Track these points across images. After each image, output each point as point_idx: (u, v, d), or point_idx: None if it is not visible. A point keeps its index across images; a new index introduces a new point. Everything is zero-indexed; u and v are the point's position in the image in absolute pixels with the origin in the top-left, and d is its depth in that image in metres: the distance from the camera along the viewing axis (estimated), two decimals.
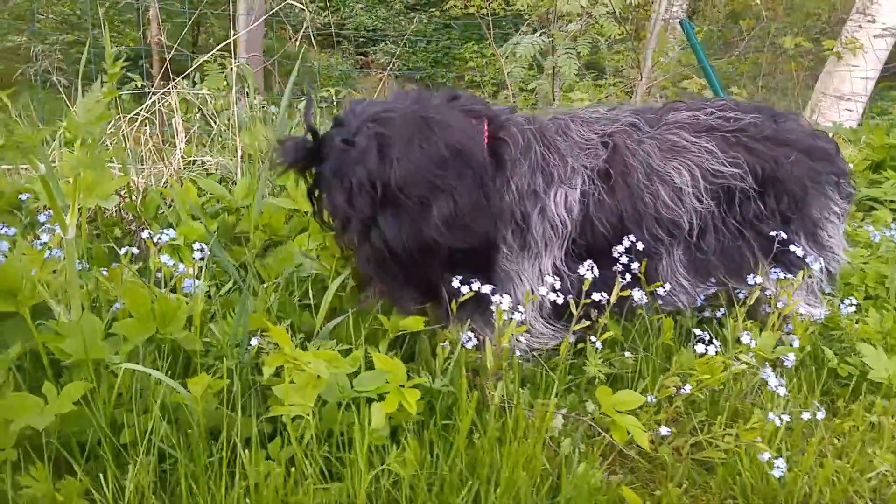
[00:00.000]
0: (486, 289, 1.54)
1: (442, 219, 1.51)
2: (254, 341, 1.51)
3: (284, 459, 1.33)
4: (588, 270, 1.55)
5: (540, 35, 4.62)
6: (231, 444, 1.31)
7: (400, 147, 1.51)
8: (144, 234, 1.56)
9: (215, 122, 2.89)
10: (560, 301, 1.55)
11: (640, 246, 1.69)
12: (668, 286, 1.76)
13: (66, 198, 1.31)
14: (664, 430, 1.47)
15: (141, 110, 2.64)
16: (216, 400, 1.45)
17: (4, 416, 1.21)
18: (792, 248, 1.81)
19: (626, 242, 1.68)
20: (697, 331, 1.59)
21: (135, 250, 1.60)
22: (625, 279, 1.58)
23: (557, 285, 1.57)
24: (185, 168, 2.55)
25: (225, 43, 2.98)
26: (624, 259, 1.66)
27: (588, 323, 1.59)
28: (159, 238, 1.55)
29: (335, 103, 4.62)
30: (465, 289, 1.55)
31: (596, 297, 1.57)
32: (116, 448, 1.32)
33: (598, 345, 1.63)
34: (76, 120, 1.20)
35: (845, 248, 2.02)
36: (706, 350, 1.50)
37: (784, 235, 1.80)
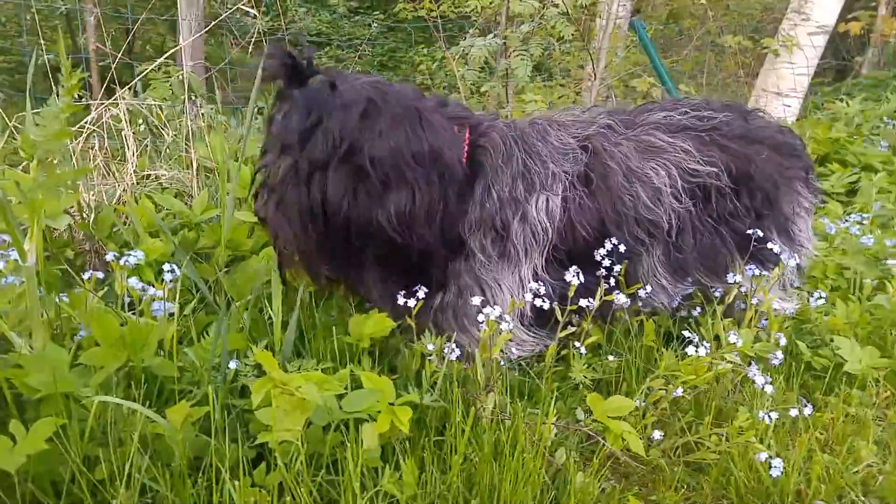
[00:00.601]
0: (422, 293, 1.55)
1: (395, 209, 1.48)
2: (232, 364, 1.45)
3: (273, 486, 1.28)
4: (574, 277, 1.54)
5: (493, 37, 4.62)
6: (214, 472, 1.25)
7: (387, 122, 1.48)
8: (109, 257, 1.47)
9: (167, 134, 2.77)
10: (546, 307, 1.54)
11: (622, 248, 1.69)
12: (649, 287, 1.76)
13: (21, 221, 1.22)
14: (657, 434, 1.47)
15: (86, 123, 2.50)
16: (195, 427, 1.38)
17: None
18: (770, 245, 1.84)
19: (609, 245, 1.67)
20: (687, 332, 1.59)
21: (99, 274, 1.51)
22: (609, 283, 1.57)
23: (542, 291, 1.55)
24: (138, 183, 2.44)
25: (174, 50, 2.86)
26: (607, 262, 1.65)
27: (574, 329, 1.58)
28: (126, 260, 1.46)
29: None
30: (412, 301, 1.53)
31: (584, 303, 1.56)
32: (93, 484, 1.24)
33: (583, 350, 1.62)
34: (33, 137, 1.11)
35: (814, 241, 2.07)
36: (696, 351, 1.50)
37: (760, 233, 1.82)
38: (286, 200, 1.52)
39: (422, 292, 1.55)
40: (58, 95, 1.10)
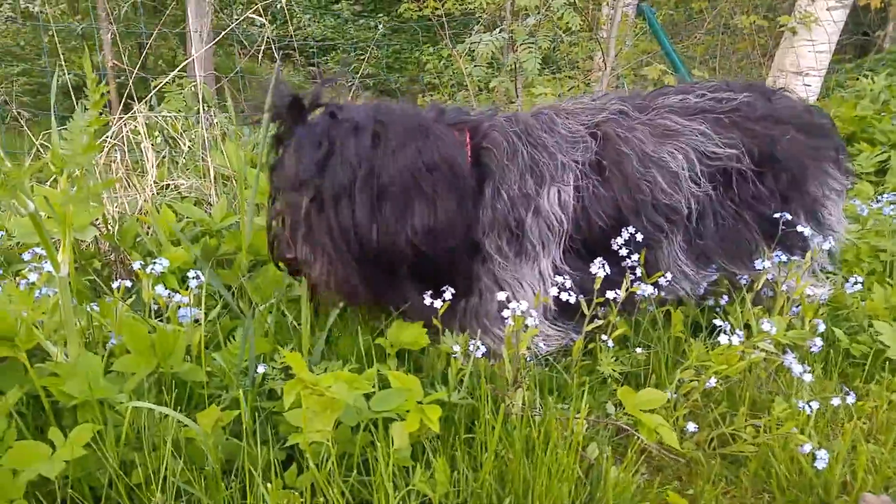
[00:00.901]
0: (448, 294, 1.55)
1: (420, 223, 1.49)
2: (260, 368, 1.47)
3: (306, 487, 1.30)
4: (600, 268, 1.53)
5: (499, 32, 4.61)
6: (247, 474, 1.27)
7: (398, 140, 1.49)
8: (136, 266, 1.50)
9: (185, 145, 2.82)
10: (572, 300, 1.54)
11: (639, 237, 1.66)
12: (669, 275, 1.72)
13: (54, 234, 1.25)
14: (691, 427, 1.44)
15: (107, 137, 2.55)
16: (226, 431, 1.41)
17: (12, 465, 1.15)
18: (800, 228, 1.79)
19: (626, 234, 1.65)
20: (719, 322, 1.56)
21: (127, 283, 1.55)
22: (635, 274, 1.57)
23: (568, 284, 1.55)
24: (158, 193, 2.48)
25: (187, 62, 2.91)
26: (624, 252, 1.63)
27: (600, 322, 1.57)
28: (152, 268, 1.50)
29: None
30: (438, 301, 1.54)
31: (611, 295, 1.55)
32: (129, 488, 1.27)
33: (610, 343, 1.60)
34: (62, 152, 1.14)
35: (846, 225, 2.02)
36: (729, 340, 1.47)
37: (788, 216, 1.78)
38: (315, 232, 1.52)
39: (449, 293, 1.56)
40: (84, 109, 1.12)
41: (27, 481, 1.16)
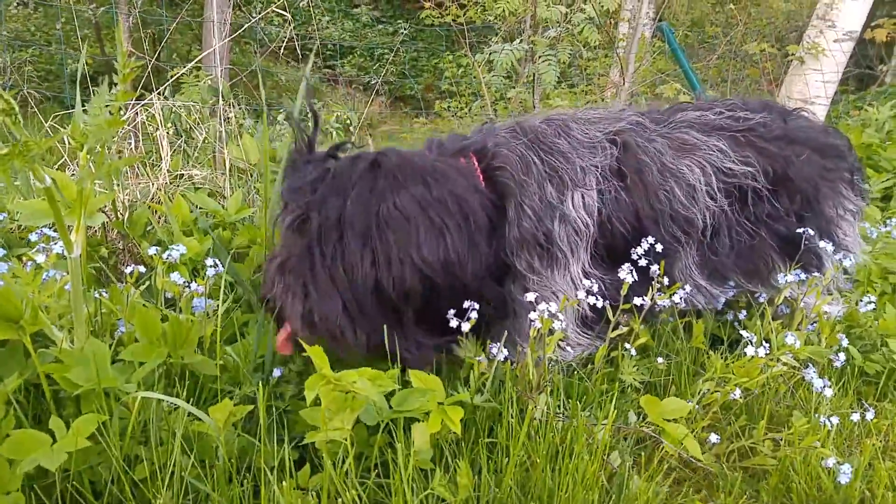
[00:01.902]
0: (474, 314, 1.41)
1: (429, 253, 1.38)
2: (276, 372, 1.41)
3: (324, 487, 1.23)
4: (628, 274, 1.48)
5: (520, 42, 4.59)
6: (262, 473, 1.21)
7: (402, 174, 1.41)
8: (151, 251, 1.44)
9: (201, 135, 2.76)
10: (599, 305, 1.48)
11: (658, 247, 1.62)
12: (688, 287, 1.69)
13: (68, 213, 1.19)
14: (714, 438, 1.41)
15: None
16: (237, 427, 1.34)
17: (10, 455, 1.08)
18: (822, 244, 1.78)
19: (646, 244, 1.60)
20: (745, 333, 1.53)
21: (141, 269, 1.48)
22: (661, 283, 1.52)
23: (595, 289, 1.49)
24: (171, 183, 2.42)
25: (206, 53, 2.86)
26: (643, 262, 1.59)
27: (626, 329, 1.52)
28: (169, 255, 1.43)
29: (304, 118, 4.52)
30: (466, 324, 1.40)
31: (638, 301, 1.50)
32: (133, 483, 1.20)
33: (633, 352, 1.56)
34: (84, 126, 1.08)
35: (861, 246, 2.01)
36: (755, 352, 1.44)
37: (811, 231, 1.76)
38: (297, 260, 1.40)
39: (474, 314, 1.42)
40: (111, 86, 1.06)
41: (24, 473, 1.10)
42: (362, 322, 1.39)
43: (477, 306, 1.42)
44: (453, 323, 1.41)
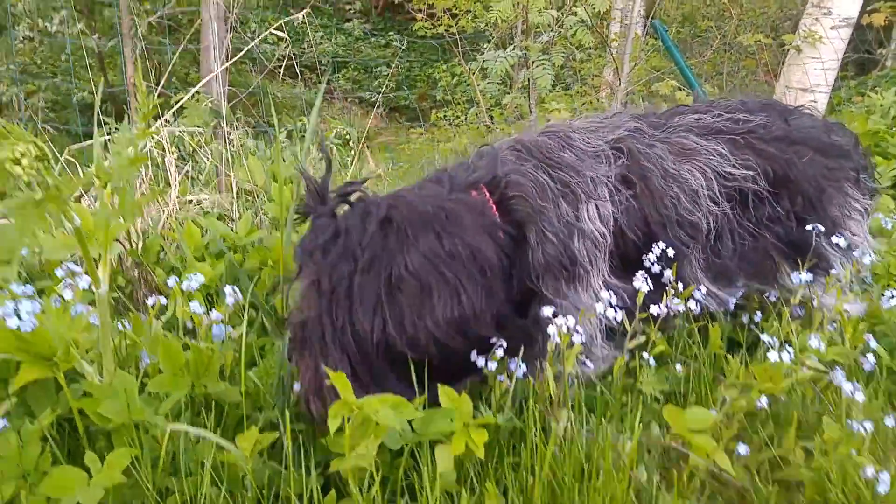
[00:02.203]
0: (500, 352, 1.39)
1: (443, 315, 1.34)
2: (296, 386, 1.43)
3: None
4: (643, 283, 1.49)
5: (513, 49, 4.62)
6: (293, 501, 1.23)
7: (413, 229, 1.38)
8: (171, 282, 1.46)
9: (207, 160, 2.79)
10: (620, 318, 1.49)
11: (670, 252, 1.62)
12: (703, 289, 1.69)
13: (95, 249, 1.22)
14: (742, 449, 1.38)
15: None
16: (262, 455, 1.36)
17: (50, 493, 1.10)
18: (833, 238, 1.78)
19: (657, 250, 1.62)
20: (765, 337, 1.52)
21: (163, 300, 1.50)
22: (676, 288, 1.53)
23: (613, 300, 1.51)
24: (180, 208, 2.45)
25: (208, 78, 2.89)
26: (657, 269, 1.60)
27: (642, 339, 1.53)
28: (188, 285, 1.46)
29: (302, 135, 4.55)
30: (493, 364, 1.38)
31: (654, 310, 1.51)
32: None
33: (652, 361, 1.56)
34: (108, 165, 1.11)
35: (871, 244, 1.99)
36: (780, 357, 1.42)
37: (822, 228, 1.76)
38: (309, 328, 1.37)
39: (500, 351, 1.40)
40: (128, 121, 1.09)
41: None
42: (374, 389, 1.33)
43: (504, 344, 1.40)
44: (479, 362, 1.40)
